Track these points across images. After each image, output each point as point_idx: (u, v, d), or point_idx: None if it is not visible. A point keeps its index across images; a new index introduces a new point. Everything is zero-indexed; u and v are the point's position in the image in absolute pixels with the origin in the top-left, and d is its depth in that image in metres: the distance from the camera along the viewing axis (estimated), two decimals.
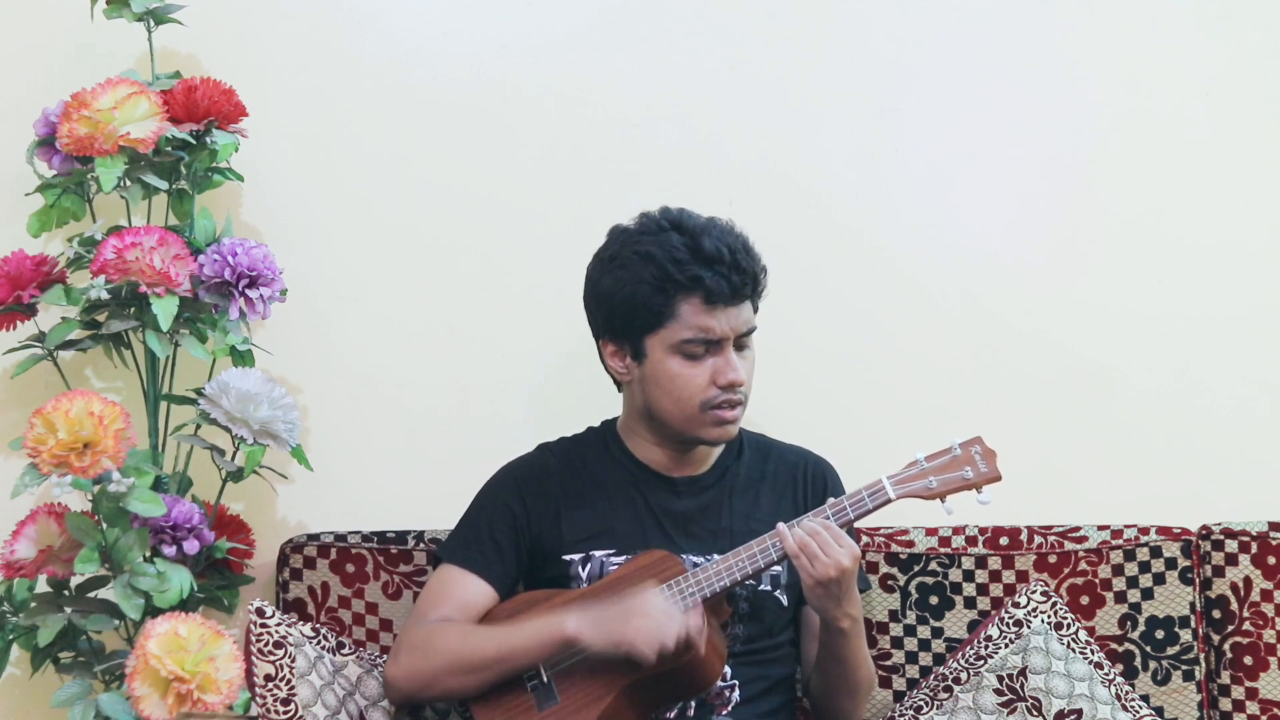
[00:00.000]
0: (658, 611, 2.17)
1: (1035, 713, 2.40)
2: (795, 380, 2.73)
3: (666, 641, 2.15)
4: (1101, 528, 2.62)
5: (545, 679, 2.23)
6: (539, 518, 2.35)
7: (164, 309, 2.38)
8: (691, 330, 2.25)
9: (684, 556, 2.30)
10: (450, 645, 2.26)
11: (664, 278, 2.23)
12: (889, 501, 2.22)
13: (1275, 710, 2.56)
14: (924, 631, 2.58)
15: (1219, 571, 2.61)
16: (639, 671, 2.18)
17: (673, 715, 2.28)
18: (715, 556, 2.27)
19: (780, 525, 2.21)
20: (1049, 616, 2.48)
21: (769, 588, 2.35)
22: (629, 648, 2.15)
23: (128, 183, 2.46)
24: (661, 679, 2.19)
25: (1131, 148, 2.83)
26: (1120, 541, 2.61)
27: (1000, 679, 2.43)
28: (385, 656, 2.40)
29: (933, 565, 2.59)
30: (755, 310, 2.31)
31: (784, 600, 2.36)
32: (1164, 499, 2.72)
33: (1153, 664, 2.57)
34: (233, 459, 2.48)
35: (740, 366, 2.28)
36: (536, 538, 2.35)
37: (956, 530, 2.61)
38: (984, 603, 2.58)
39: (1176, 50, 2.84)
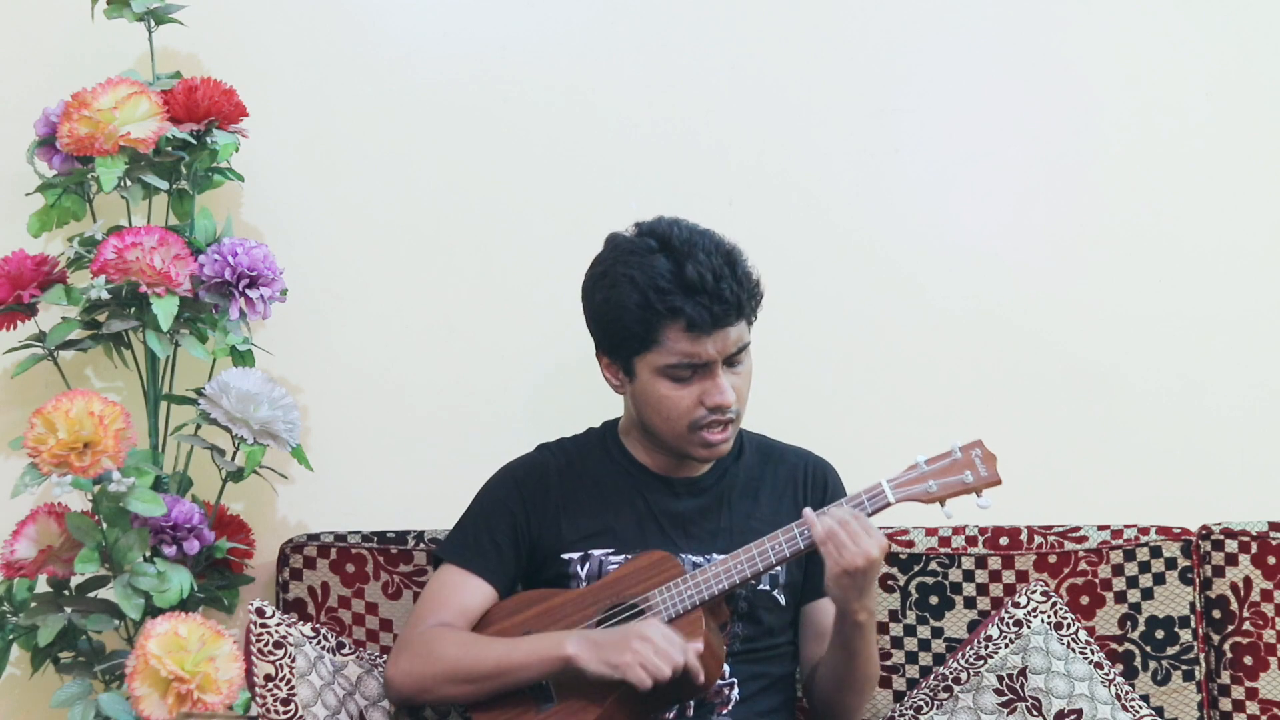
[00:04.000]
0: (657, 640, 2.14)
1: (1035, 713, 2.40)
2: (794, 381, 2.73)
3: (662, 671, 2.13)
4: (1101, 528, 2.62)
5: (543, 681, 2.23)
6: (538, 517, 2.36)
7: (164, 309, 2.38)
8: (677, 356, 2.23)
9: (683, 557, 2.30)
10: (450, 654, 2.25)
11: (646, 305, 2.21)
12: (888, 505, 2.22)
13: (1275, 710, 2.56)
14: (924, 631, 2.58)
15: (1219, 571, 2.61)
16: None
17: (671, 715, 2.28)
18: (715, 557, 2.27)
19: (808, 511, 2.19)
20: (1049, 616, 2.48)
21: (768, 587, 2.35)
22: (623, 674, 2.13)
23: (128, 183, 2.46)
24: (659, 682, 2.19)
25: (1132, 148, 2.83)
26: (1120, 541, 2.61)
27: (1000, 679, 2.43)
28: (385, 657, 2.40)
29: (933, 565, 2.59)
30: (751, 323, 2.29)
31: (783, 600, 2.36)
32: (1164, 499, 2.72)
33: (1153, 664, 2.57)
34: (233, 459, 2.48)
35: (728, 387, 2.25)
36: (536, 537, 2.35)
37: (956, 530, 2.61)
38: (984, 603, 2.58)
39: (1177, 51, 2.84)
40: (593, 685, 2.19)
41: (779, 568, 2.32)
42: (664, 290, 2.20)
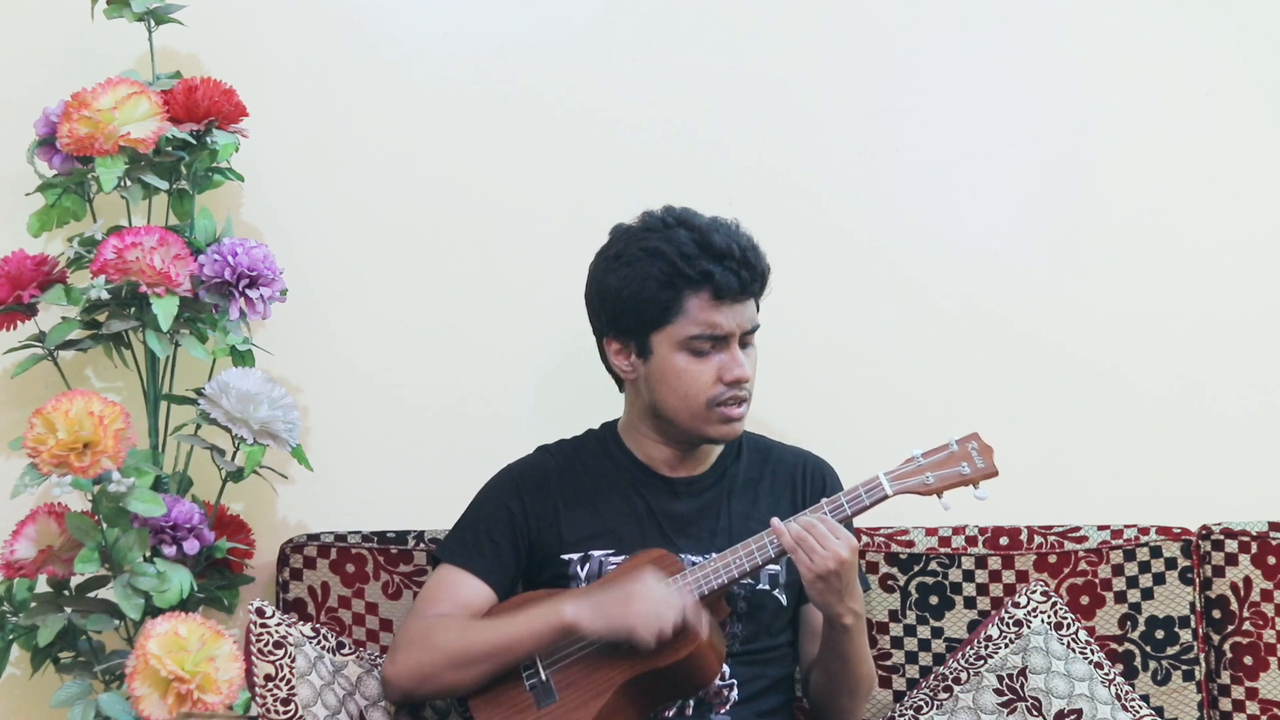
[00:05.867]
0: (656, 596, 2.17)
1: (1035, 713, 2.40)
2: (795, 380, 2.72)
3: (665, 627, 2.16)
4: (1101, 528, 2.62)
5: (544, 677, 2.23)
6: (537, 518, 2.36)
7: (164, 309, 2.38)
8: (699, 326, 2.25)
9: (682, 556, 2.30)
10: (448, 639, 2.26)
11: (673, 273, 2.24)
12: (886, 498, 2.22)
13: (1275, 710, 2.56)
14: (924, 631, 2.58)
15: (1219, 571, 2.61)
16: (638, 666, 2.18)
17: (671, 714, 2.28)
18: (713, 557, 2.27)
19: (775, 520, 2.20)
20: (1049, 616, 2.48)
21: (767, 587, 2.35)
22: (628, 632, 2.16)
23: (128, 183, 2.46)
24: (660, 677, 2.19)
25: (1132, 148, 2.83)
26: (1120, 541, 2.61)
27: (1000, 679, 2.43)
28: (385, 657, 2.40)
29: (933, 565, 2.59)
30: (758, 309, 2.32)
31: (783, 600, 2.36)
32: (1164, 499, 2.72)
33: (1153, 664, 2.57)
34: (233, 459, 2.48)
35: (745, 361, 2.28)
36: (535, 538, 2.35)
37: (956, 530, 2.61)
38: (984, 603, 2.58)
39: (1177, 50, 2.84)
40: (593, 681, 2.20)
41: (778, 566, 2.32)
42: (691, 257, 2.23)
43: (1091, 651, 2.49)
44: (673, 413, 2.31)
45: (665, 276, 2.24)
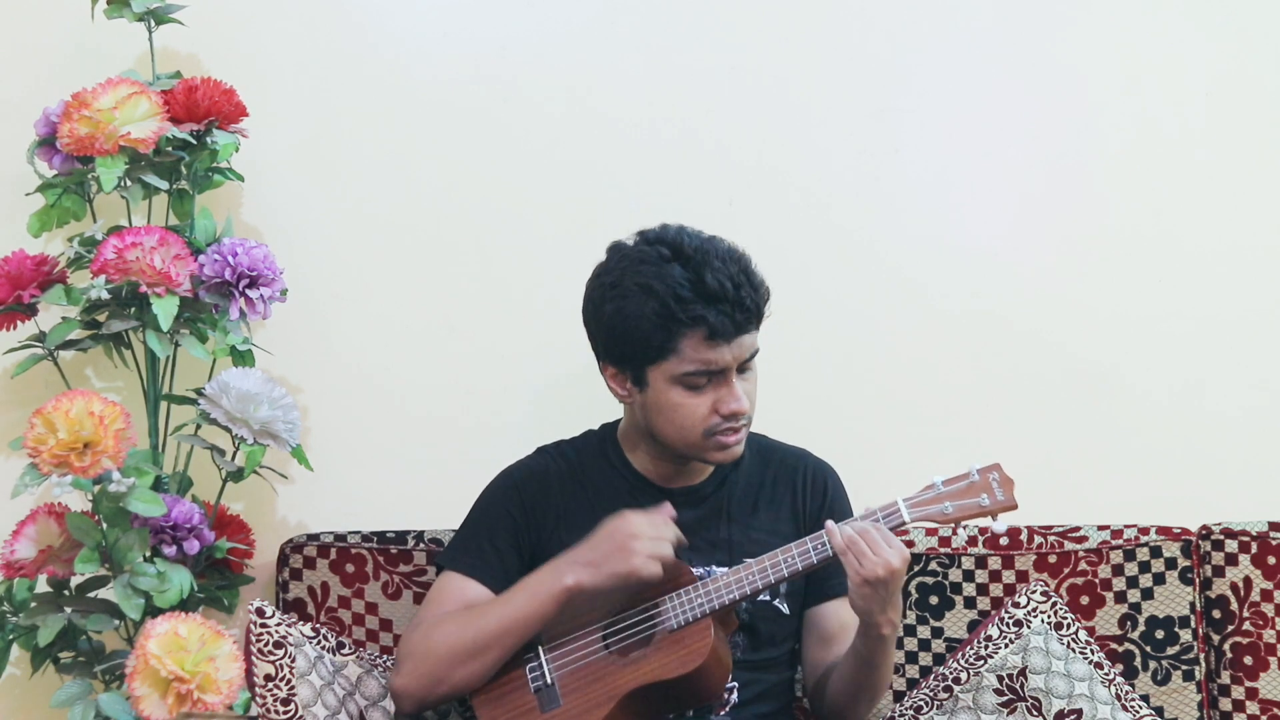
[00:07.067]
0: (646, 530, 2.18)
1: (1035, 713, 2.40)
2: (794, 382, 2.72)
3: (665, 553, 2.17)
4: (1101, 528, 2.62)
5: (549, 680, 2.23)
6: (539, 524, 2.35)
7: (164, 309, 2.38)
8: (694, 364, 2.21)
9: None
10: (450, 635, 2.24)
11: (666, 315, 2.19)
12: (903, 524, 2.18)
13: (1275, 710, 2.56)
14: (924, 631, 2.58)
15: (1219, 571, 2.61)
16: (644, 676, 2.17)
17: (671, 715, 2.27)
18: (715, 568, 2.26)
19: (829, 523, 2.18)
20: (1049, 616, 2.48)
21: (768, 598, 2.34)
22: (634, 576, 2.16)
23: (128, 183, 2.46)
24: (666, 689, 2.18)
25: (1132, 148, 2.83)
26: (1120, 541, 2.61)
27: (1000, 679, 2.43)
28: (385, 657, 2.40)
29: (933, 565, 2.59)
30: (759, 328, 2.28)
31: (785, 609, 2.35)
32: (1164, 499, 2.72)
33: (1153, 664, 2.57)
34: (233, 459, 2.48)
35: (742, 393, 2.24)
36: (536, 541, 2.34)
37: (956, 530, 2.61)
38: (984, 603, 2.58)
39: (1177, 51, 2.84)
40: (598, 688, 2.19)
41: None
42: (685, 300, 2.18)
43: (1091, 651, 2.49)
44: (668, 440, 2.29)
45: (659, 318, 2.19)
